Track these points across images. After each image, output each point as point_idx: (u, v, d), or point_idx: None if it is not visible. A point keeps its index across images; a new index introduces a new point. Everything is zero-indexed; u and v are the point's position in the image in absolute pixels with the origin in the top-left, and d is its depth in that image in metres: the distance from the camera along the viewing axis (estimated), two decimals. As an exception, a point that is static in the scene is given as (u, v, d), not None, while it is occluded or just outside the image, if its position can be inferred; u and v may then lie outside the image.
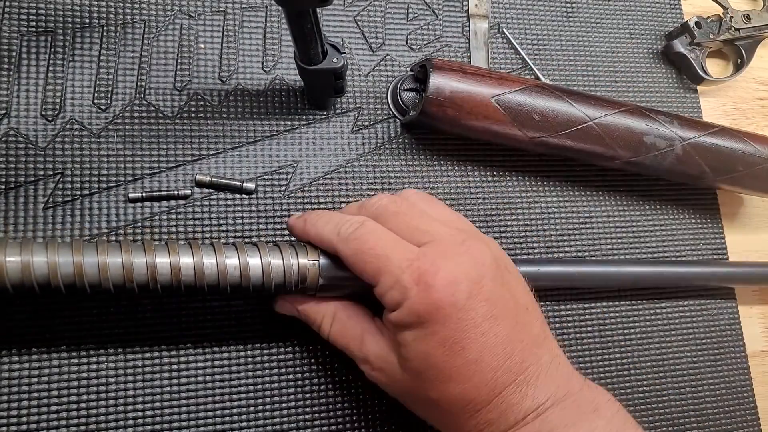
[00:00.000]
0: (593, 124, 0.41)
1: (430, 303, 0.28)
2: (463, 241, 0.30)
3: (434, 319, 0.28)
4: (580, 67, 0.49)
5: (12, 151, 0.37)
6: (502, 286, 0.30)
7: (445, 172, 0.44)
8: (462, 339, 0.28)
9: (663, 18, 0.53)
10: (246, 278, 0.31)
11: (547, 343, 0.31)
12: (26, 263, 0.27)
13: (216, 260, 0.30)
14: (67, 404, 0.34)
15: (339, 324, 0.33)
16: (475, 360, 0.29)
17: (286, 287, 0.32)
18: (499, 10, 0.48)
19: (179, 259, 0.30)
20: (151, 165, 0.38)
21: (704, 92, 0.53)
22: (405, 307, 0.29)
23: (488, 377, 0.29)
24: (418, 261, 0.29)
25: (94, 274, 0.28)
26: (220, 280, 0.30)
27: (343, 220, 0.32)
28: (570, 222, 0.46)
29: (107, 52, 0.40)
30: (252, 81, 0.41)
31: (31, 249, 0.28)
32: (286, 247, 0.32)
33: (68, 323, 0.35)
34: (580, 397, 0.30)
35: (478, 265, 0.30)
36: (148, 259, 0.29)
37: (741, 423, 0.46)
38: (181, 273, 0.30)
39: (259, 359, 0.37)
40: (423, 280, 0.28)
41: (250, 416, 0.37)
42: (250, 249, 0.32)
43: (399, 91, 0.43)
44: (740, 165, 0.44)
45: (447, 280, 0.28)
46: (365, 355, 0.32)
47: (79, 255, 0.28)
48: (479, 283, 0.29)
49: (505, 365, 0.29)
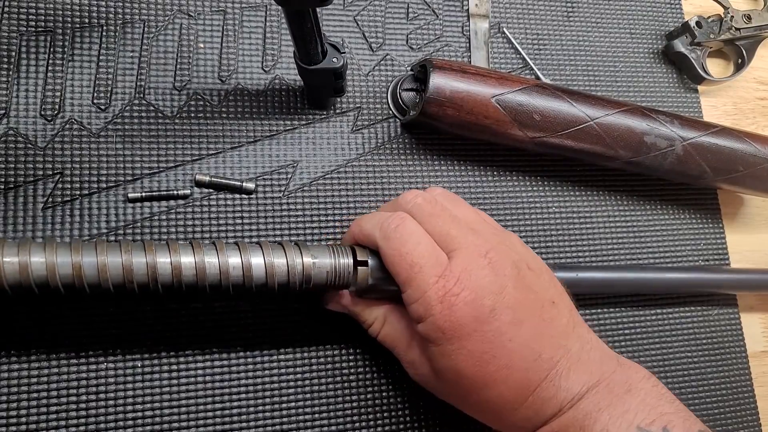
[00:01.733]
0: (594, 124, 0.41)
1: (453, 320, 0.29)
2: (486, 252, 0.31)
3: (459, 335, 0.30)
4: (580, 66, 0.49)
5: (11, 151, 0.37)
6: (525, 288, 0.31)
7: (445, 172, 0.44)
8: (490, 349, 0.30)
9: (663, 18, 0.53)
10: (271, 277, 0.31)
11: (576, 331, 0.32)
12: (24, 264, 0.27)
13: (241, 259, 0.30)
14: (67, 405, 0.34)
15: (389, 327, 0.35)
16: (506, 365, 0.30)
17: (329, 285, 0.33)
18: (500, 9, 0.48)
19: (204, 258, 0.30)
20: (150, 165, 0.38)
21: (705, 92, 0.53)
22: (429, 322, 0.30)
23: (521, 378, 0.30)
24: (444, 278, 0.30)
25: (94, 274, 0.28)
26: (245, 281, 0.30)
27: (384, 216, 0.33)
28: (570, 222, 0.46)
29: (107, 52, 0.39)
30: (252, 81, 0.41)
31: (29, 249, 0.27)
32: (298, 248, 0.32)
33: (68, 324, 0.35)
34: (613, 379, 0.31)
35: (500, 276, 0.31)
36: (148, 259, 0.29)
37: (741, 423, 0.46)
38: (206, 272, 0.30)
39: (259, 359, 0.37)
40: (447, 299, 0.30)
41: (250, 416, 0.37)
42: (274, 248, 0.32)
43: (399, 91, 0.43)
44: (741, 165, 0.44)
45: (470, 297, 0.30)
46: (411, 359, 0.33)
47: (78, 255, 0.28)
48: (501, 294, 0.30)
49: (535, 364, 0.30)
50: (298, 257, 0.32)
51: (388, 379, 0.39)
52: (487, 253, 0.31)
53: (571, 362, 0.31)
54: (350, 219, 0.41)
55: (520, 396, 0.30)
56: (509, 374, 0.30)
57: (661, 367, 0.45)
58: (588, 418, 0.29)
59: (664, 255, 0.47)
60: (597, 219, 0.46)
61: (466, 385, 0.31)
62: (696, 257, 0.48)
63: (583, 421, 0.29)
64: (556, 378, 0.30)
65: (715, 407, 0.45)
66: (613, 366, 0.32)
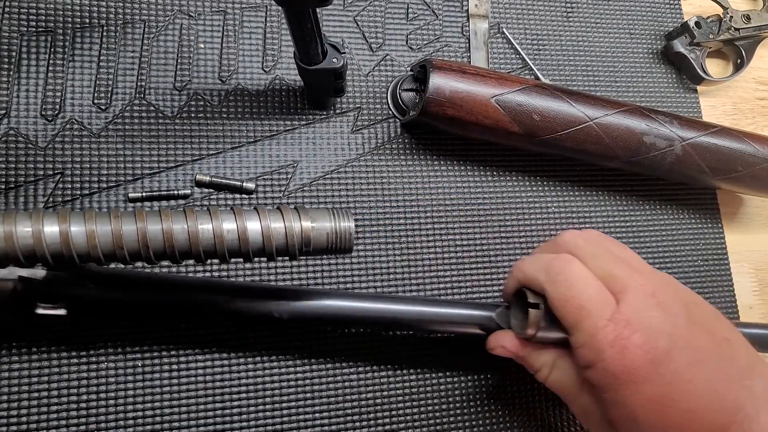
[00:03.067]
0: (593, 124, 0.41)
1: (626, 365, 0.28)
2: (653, 292, 0.30)
3: (634, 380, 0.28)
4: (579, 67, 0.49)
5: (12, 151, 0.37)
6: (697, 327, 0.30)
7: (445, 172, 0.44)
8: (669, 392, 0.28)
9: (663, 18, 0.53)
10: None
11: (758, 370, 0.30)
12: (9, 233, 0.26)
13: (236, 224, 0.29)
14: (67, 404, 0.34)
15: (558, 372, 0.33)
16: (688, 409, 0.28)
17: (330, 248, 0.31)
18: (499, 10, 0.48)
19: (197, 224, 0.28)
20: (150, 165, 0.38)
21: (704, 92, 0.53)
22: (599, 368, 0.29)
23: (705, 422, 0.28)
24: (614, 321, 0.29)
25: (82, 242, 0.26)
26: (241, 245, 0.29)
27: (548, 259, 0.32)
28: (570, 222, 0.46)
29: (107, 52, 0.40)
30: (252, 81, 0.41)
31: (42, 218, 0.26)
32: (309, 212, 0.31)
33: (68, 323, 0.35)
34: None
35: (670, 315, 0.29)
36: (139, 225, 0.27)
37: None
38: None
39: (259, 359, 0.37)
40: (618, 342, 0.28)
41: (250, 416, 0.37)
42: (272, 213, 0.30)
43: (399, 91, 0.43)
44: (740, 165, 0.44)
45: (642, 340, 0.28)
46: (582, 408, 0.32)
47: (66, 223, 0.26)
48: (674, 334, 0.29)
49: (719, 407, 0.28)
50: (296, 221, 0.30)
51: (389, 378, 0.39)
52: (654, 293, 0.30)
53: (759, 405, 0.29)
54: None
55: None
56: (692, 418, 0.28)
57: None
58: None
59: (663, 255, 0.47)
60: (597, 219, 0.46)
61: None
62: (695, 257, 0.48)
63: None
64: (745, 422, 0.28)
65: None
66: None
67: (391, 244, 0.41)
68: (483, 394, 0.41)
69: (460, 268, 0.42)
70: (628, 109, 0.42)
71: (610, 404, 0.29)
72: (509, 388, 0.41)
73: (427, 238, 0.42)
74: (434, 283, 0.41)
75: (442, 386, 0.40)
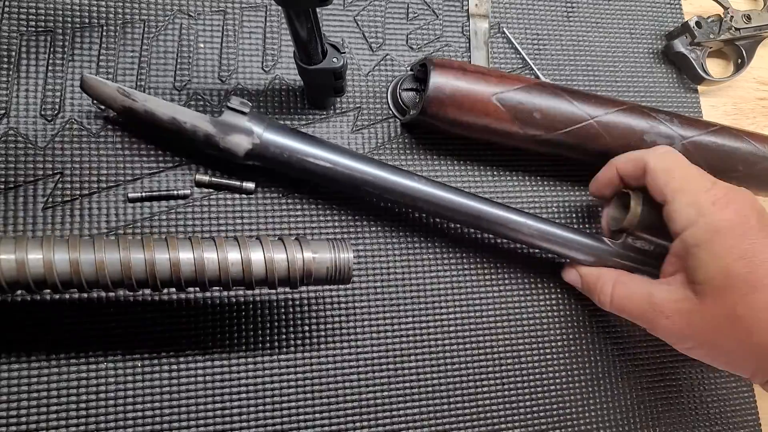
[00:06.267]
0: (594, 122, 0.41)
1: (728, 218, 0.33)
2: (738, 189, 0.36)
3: (733, 234, 0.32)
4: (580, 66, 0.49)
5: (11, 151, 0.37)
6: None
7: (445, 171, 0.44)
8: (761, 253, 0.32)
9: (663, 18, 0.53)
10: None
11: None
12: (21, 261, 0.27)
13: (241, 256, 0.31)
14: (67, 405, 0.34)
15: (621, 285, 0.38)
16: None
17: (329, 279, 0.33)
18: (499, 9, 0.48)
19: (203, 254, 0.30)
20: (150, 165, 0.38)
21: (704, 92, 0.53)
22: (701, 223, 0.33)
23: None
24: (714, 189, 0.34)
25: (92, 271, 0.28)
26: (245, 277, 0.31)
27: (647, 149, 0.38)
28: (570, 221, 0.46)
29: (107, 52, 0.40)
30: (252, 81, 0.41)
31: (26, 246, 0.27)
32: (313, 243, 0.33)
33: (68, 324, 0.35)
34: None
35: (754, 200, 0.35)
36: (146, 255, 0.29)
37: (741, 423, 0.46)
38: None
39: (260, 359, 0.37)
40: (719, 202, 0.34)
41: (251, 416, 0.37)
42: (275, 243, 0.32)
43: (399, 90, 0.43)
44: (740, 164, 0.44)
45: (739, 204, 0.34)
46: (657, 306, 0.35)
47: (76, 252, 0.28)
48: (763, 216, 0.34)
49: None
50: (298, 253, 0.32)
51: (389, 378, 0.39)
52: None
53: None
54: (350, 219, 0.41)
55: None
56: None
57: (660, 365, 0.45)
58: None
59: (664, 254, 0.47)
60: (598, 218, 0.46)
61: (734, 292, 0.32)
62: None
63: None
64: None
65: (714, 407, 0.45)
66: None
67: (391, 244, 0.41)
68: (483, 394, 0.41)
69: (461, 268, 0.42)
70: (628, 108, 0.42)
71: (702, 264, 0.33)
72: (509, 387, 0.41)
73: (427, 238, 0.42)
74: (434, 283, 0.41)
75: (443, 386, 0.40)
